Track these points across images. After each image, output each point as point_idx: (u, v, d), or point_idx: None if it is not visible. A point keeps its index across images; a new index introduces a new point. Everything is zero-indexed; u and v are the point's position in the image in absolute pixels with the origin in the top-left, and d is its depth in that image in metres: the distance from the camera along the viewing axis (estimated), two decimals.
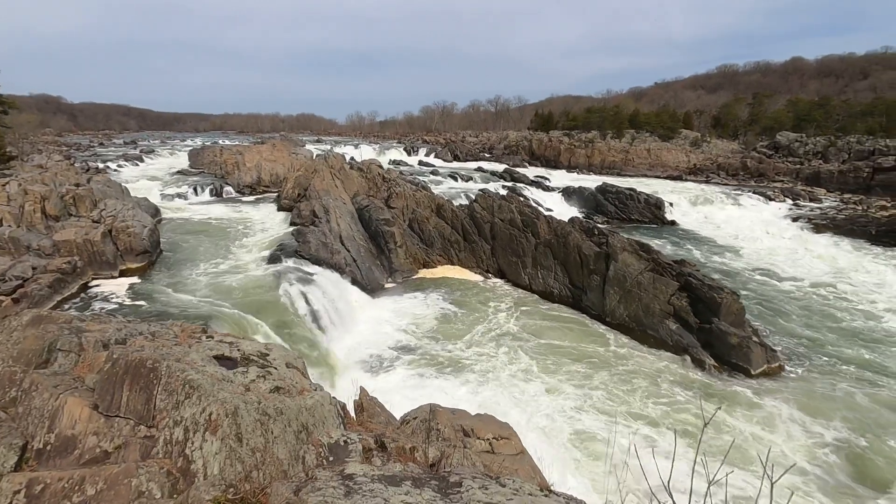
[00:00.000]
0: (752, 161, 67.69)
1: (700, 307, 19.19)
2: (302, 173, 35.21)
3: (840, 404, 15.06)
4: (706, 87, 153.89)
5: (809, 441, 13.33)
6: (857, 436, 13.58)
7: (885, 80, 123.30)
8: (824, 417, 14.38)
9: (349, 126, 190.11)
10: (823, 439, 13.42)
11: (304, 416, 4.36)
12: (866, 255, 33.46)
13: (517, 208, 28.19)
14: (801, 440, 13.38)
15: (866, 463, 12.50)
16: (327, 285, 21.06)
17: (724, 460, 2.26)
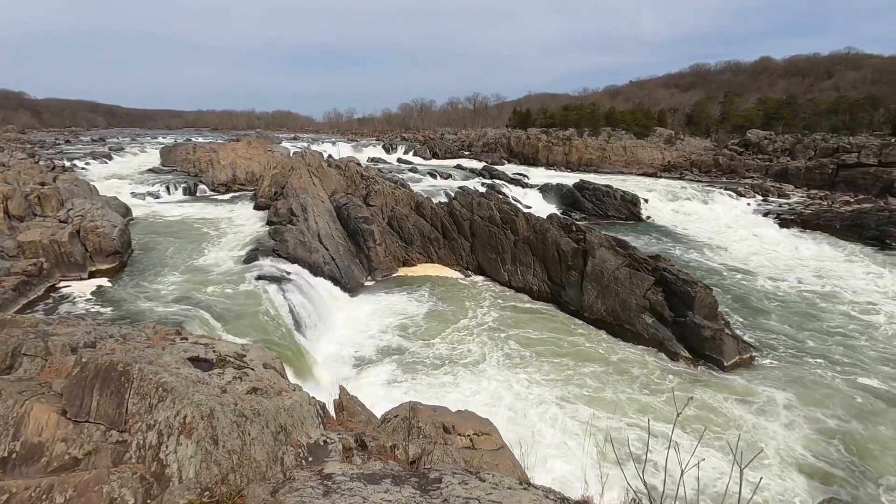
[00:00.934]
0: (724, 158, 69.43)
1: (675, 301, 19.61)
2: (279, 171, 34.68)
3: (808, 390, 15.59)
4: (679, 85, 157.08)
5: (781, 425, 13.77)
6: (826, 419, 14.09)
7: (847, 80, 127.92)
8: (795, 403, 14.87)
9: (327, 123, 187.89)
10: (794, 423, 13.88)
11: (283, 416, 4.31)
12: (831, 248, 34.71)
13: (496, 205, 28.32)
14: (772, 425, 13.82)
15: (833, 442, 12.99)
16: (305, 284, 20.82)
17: (695, 449, 2.31)
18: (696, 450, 2.16)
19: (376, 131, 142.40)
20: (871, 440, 13.32)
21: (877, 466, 12.36)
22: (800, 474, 11.95)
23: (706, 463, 10.09)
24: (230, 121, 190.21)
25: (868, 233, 36.16)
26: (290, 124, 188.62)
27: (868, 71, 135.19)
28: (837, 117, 74.93)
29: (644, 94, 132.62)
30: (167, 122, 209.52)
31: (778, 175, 61.61)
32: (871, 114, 75.30)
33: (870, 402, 15.12)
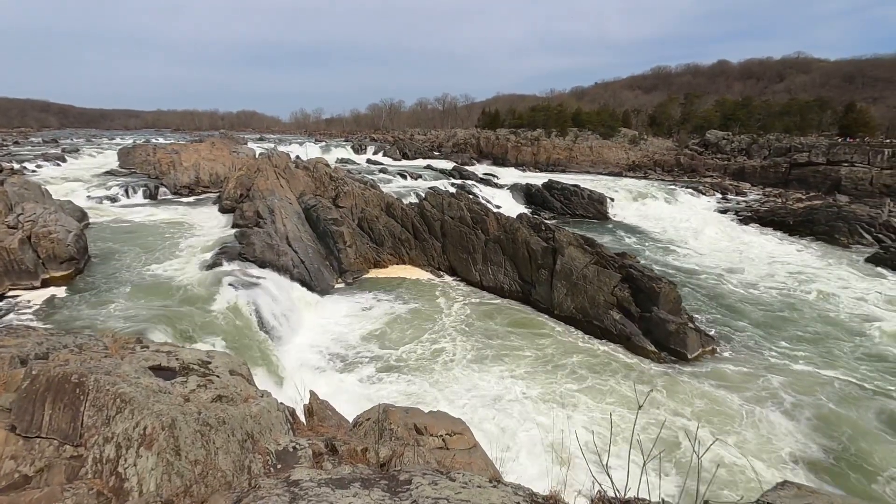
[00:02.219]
0: (685, 158, 71.86)
1: (641, 297, 20.15)
2: (244, 173, 33.86)
3: (763, 379, 16.28)
4: (642, 87, 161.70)
5: (739, 412, 14.34)
6: (779, 404, 14.75)
7: (798, 83, 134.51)
8: (752, 390, 15.50)
9: (294, 124, 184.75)
10: (752, 410, 14.46)
11: (250, 424, 4.21)
12: (785, 244, 36.39)
13: (467, 206, 28.45)
14: (730, 412, 14.37)
15: (790, 425, 13.62)
16: (274, 288, 20.38)
17: (656, 440, 2.38)
18: (657, 440, 2.23)
19: (345, 132, 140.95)
20: (828, 423, 14.02)
21: (831, 447, 13.03)
22: (756, 460, 12.47)
23: (667, 452, 10.46)
24: (192, 121, 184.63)
25: (819, 228, 38.07)
26: (255, 124, 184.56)
27: (817, 74, 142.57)
28: (789, 118, 78.64)
29: (609, 96, 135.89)
30: (125, 123, 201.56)
31: (736, 174, 64.18)
32: (819, 115, 79.34)
33: (828, 388, 15.90)
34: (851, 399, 15.32)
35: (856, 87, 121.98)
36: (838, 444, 13.22)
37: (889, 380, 16.74)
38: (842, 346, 19.41)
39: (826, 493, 2.84)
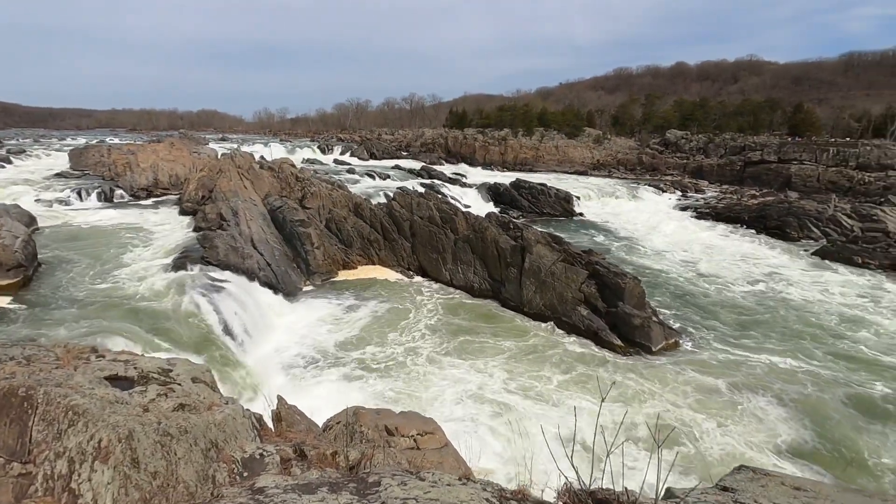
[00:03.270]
0: (647, 156, 74.07)
1: (607, 293, 20.65)
2: (206, 174, 32.86)
3: (724, 368, 16.98)
4: (605, 87, 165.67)
5: (700, 400, 14.89)
6: (737, 392, 15.41)
7: (751, 85, 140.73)
8: (712, 380, 16.13)
9: (257, 123, 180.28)
10: (710, 399, 15.05)
11: (214, 432, 4.08)
12: (742, 238, 38.02)
13: (435, 205, 28.45)
14: (690, 402, 14.91)
15: (748, 410, 14.25)
16: (239, 292, 19.87)
17: (618, 431, 2.45)
18: (619, 431, 2.31)
19: (311, 132, 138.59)
20: (786, 406, 14.73)
21: (785, 432, 13.70)
22: (716, 447, 12.99)
23: (630, 442, 10.79)
24: (150, 120, 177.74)
25: (772, 223, 39.96)
26: (217, 124, 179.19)
27: (768, 76, 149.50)
28: (743, 118, 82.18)
29: (573, 96, 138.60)
30: (76, 122, 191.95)
31: (694, 172, 66.57)
32: (771, 115, 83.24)
33: (781, 376, 16.69)
34: (808, 383, 16.14)
35: (803, 89, 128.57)
36: (797, 428, 13.91)
37: (838, 362, 17.72)
38: (796, 334, 20.41)
39: (779, 474, 2.99)
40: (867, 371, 17.29)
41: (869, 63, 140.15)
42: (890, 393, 15.84)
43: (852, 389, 15.96)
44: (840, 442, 13.30)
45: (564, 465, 2.37)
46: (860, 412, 14.71)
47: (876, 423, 14.22)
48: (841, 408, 14.88)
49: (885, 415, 14.63)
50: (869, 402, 15.30)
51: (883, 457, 12.79)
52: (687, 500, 2.54)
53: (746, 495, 2.71)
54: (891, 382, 16.50)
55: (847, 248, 32.71)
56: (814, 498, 2.52)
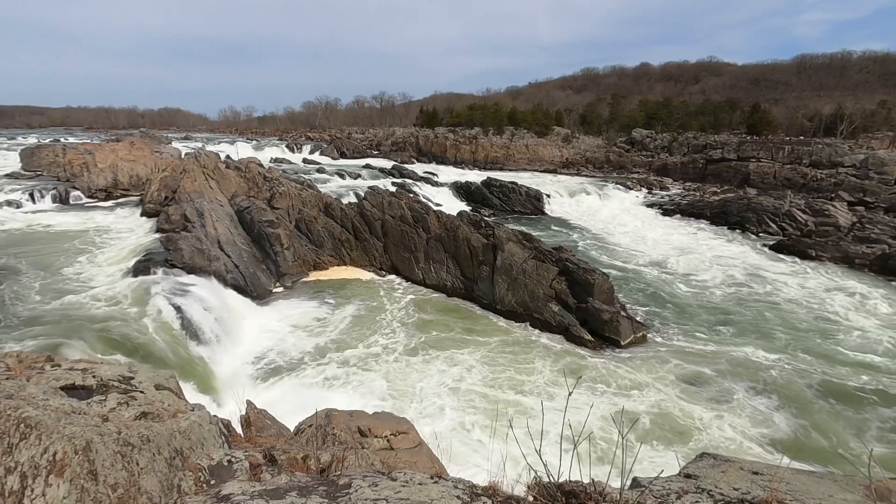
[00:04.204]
0: (614, 155, 75.72)
1: (577, 289, 21.01)
2: (169, 174, 31.80)
3: (691, 359, 17.55)
4: (573, 87, 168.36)
5: (663, 391, 15.36)
6: (701, 383, 15.96)
7: (711, 85, 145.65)
8: (678, 371, 16.66)
9: (222, 122, 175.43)
10: (673, 390, 15.55)
11: (178, 440, 3.96)
12: (705, 233, 39.33)
13: (407, 204, 28.35)
14: (657, 393, 15.36)
15: (711, 398, 14.77)
16: (206, 295, 19.33)
17: (585, 423, 2.50)
18: (585, 423, 2.36)
19: (279, 130, 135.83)
20: (752, 398, 15.34)
21: (749, 416, 14.27)
22: (677, 434, 13.43)
23: (598, 434, 11.06)
24: (108, 119, 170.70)
25: (732, 218, 41.50)
26: (180, 123, 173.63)
27: (727, 77, 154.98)
28: (704, 118, 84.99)
29: (542, 95, 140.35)
30: (27, 121, 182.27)
31: (659, 170, 68.43)
32: (730, 115, 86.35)
33: (745, 364, 17.37)
34: (772, 370, 16.85)
35: (759, 90, 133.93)
36: (761, 412, 14.51)
37: (797, 352, 18.56)
38: (756, 325, 21.27)
39: (738, 459, 3.11)
40: (828, 361, 18.18)
41: (819, 65, 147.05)
42: (861, 383, 16.71)
43: (814, 375, 16.75)
44: (807, 427, 13.95)
45: (534, 459, 2.40)
46: (833, 398, 15.46)
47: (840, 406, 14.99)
48: (807, 394, 15.59)
49: (855, 401, 15.42)
50: (841, 389, 16.08)
51: (832, 433, 13.49)
52: (651, 487, 2.62)
53: (708, 481, 2.81)
54: (860, 372, 17.42)
55: (802, 241, 34.28)
56: (769, 481, 2.63)
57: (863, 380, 16.71)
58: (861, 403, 15.23)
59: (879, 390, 15.95)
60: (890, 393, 15.80)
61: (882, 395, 15.68)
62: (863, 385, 16.34)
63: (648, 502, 2.47)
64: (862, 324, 21.66)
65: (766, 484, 2.61)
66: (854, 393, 15.81)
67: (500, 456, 3.23)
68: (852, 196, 46.35)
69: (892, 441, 13.48)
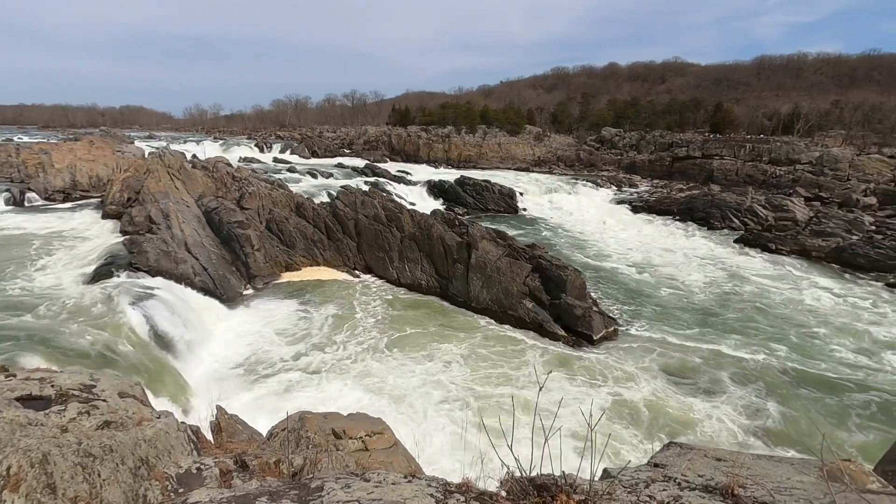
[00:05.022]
0: (585, 153, 77.05)
1: (550, 285, 21.31)
2: (132, 174, 30.70)
3: (660, 352, 18.04)
4: (544, 86, 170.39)
5: (635, 383, 15.75)
6: (667, 375, 16.43)
7: (677, 85, 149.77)
8: (650, 363, 17.10)
9: (188, 120, 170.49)
10: (647, 382, 15.95)
11: (144, 448, 3.83)
12: (673, 229, 40.45)
13: (381, 204, 28.18)
14: (627, 386, 15.74)
15: (684, 389, 15.23)
16: (173, 300, 18.76)
17: (555, 418, 2.55)
18: (555, 418, 2.41)
19: (247, 129, 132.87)
20: (716, 387, 15.86)
21: (715, 404, 14.76)
22: (640, 427, 13.80)
23: (567, 427, 11.29)
24: (65, 117, 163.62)
25: (697, 214, 42.82)
26: (143, 121, 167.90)
27: (691, 77, 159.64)
28: (671, 116, 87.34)
29: (514, 94, 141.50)
30: None
31: (628, 167, 69.99)
32: (695, 114, 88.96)
33: (714, 355, 17.95)
34: (739, 361, 17.46)
35: (722, 89, 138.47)
36: (728, 402, 15.03)
37: (763, 338, 19.30)
38: (725, 318, 22.01)
39: (703, 447, 3.22)
40: (794, 348, 18.97)
41: (777, 66, 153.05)
42: (820, 370, 17.48)
43: (782, 362, 17.45)
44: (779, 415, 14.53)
45: (506, 454, 2.42)
46: (808, 387, 16.12)
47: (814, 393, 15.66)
48: (780, 381, 16.22)
49: (830, 389, 16.12)
50: (816, 378, 16.79)
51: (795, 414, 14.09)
52: (621, 477, 2.68)
53: (675, 469, 2.89)
54: (829, 362, 18.22)
55: (763, 235, 35.64)
56: (732, 466, 2.73)
57: (822, 367, 17.51)
58: (835, 390, 15.92)
59: (850, 377, 16.73)
60: (858, 379, 16.61)
61: (855, 382, 16.44)
62: (823, 371, 17.11)
63: (618, 492, 2.53)
64: (822, 312, 22.66)
65: (728, 470, 2.71)
66: (829, 381, 16.50)
67: (475, 452, 3.27)
68: (809, 192, 48.42)
69: (867, 427, 14.16)
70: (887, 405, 15.02)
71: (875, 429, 13.87)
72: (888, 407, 14.94)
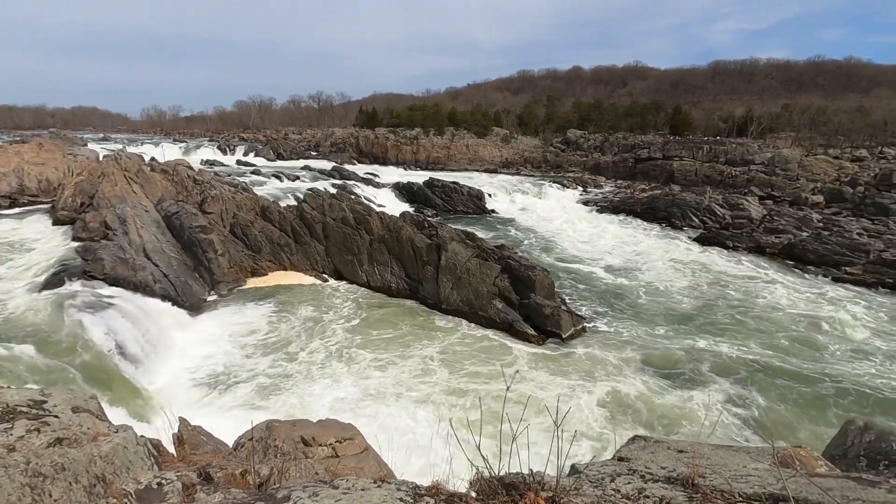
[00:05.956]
0: (551, 154, 78.38)
1: (520, 285, 21.56)
2: (85, 178, 29.35)
3: (624, 348, 18.52)
4: (510, 89, 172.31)
5: (599, 378, 16.13)
6: (635, 368, 16.90)
7: (638, 88, 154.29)
8: (612, 359, 17.53)
9: (146, 122, 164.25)
10: (610, 376, 16.36)
11: (100, 465, 3.67)
12: (636, 228, 41.64)
13: (349, 206, 27.88)
14: (594, 381, 16.11)
15: (641, 387, 15.68)
16: (132, 308, 18.04)
17: (521, 416, 2.58)
18: (522, 416, 2.45)
19: (209, 131, 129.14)
20: (675, 381, 16.39)
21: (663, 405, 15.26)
22: (611, 422, 14.16)
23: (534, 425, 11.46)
24: (10, 118, 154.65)
25: (659, 214, 44.22)
26: (97, 123, 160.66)
27: (651, 81, 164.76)
28: (633, 119, 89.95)
29: (481, 97, 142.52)
30: None
31: (593, 169, 71.60)
32: (655, 116, 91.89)
33: (674, 348, 18.55)
34: (701, 352, 18.10)
35: (680, 93, 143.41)
36: (695, 394, 15.55)
37: (718, 331, 20.08)
38: (688, 312, 22.80)
39: (665, 440, 3.32)
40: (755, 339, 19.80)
41: (731, 71, 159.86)
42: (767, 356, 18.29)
43: (735, 351, 18.18)
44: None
45: (477, 455, 2.44)
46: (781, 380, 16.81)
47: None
48: (749, 374, 16.88)
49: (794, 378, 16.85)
50: (777, 368, 17.51)
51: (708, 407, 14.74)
52: (587, 473, 2.74)
53: (639, 463, 2.98)
54: (787, 353, 19.06)
55: (720, 233, 37.14)
56: (692, 457, 2.84)
57: (780, 357, 18.35)
58: (796, 379, 16.64)
59: (808, 367, 17.56)
60: (816, 369, 17.47)
61: (814, 372, 17.25)
62: (780, 362, 17.93)
63: (585, 487, 2.58)
64: (779, 305, 23.77)
65: (689, 461, 2.81)
66: (791, 371, 17.26)
67: (447, 454, 3.27)
68: (762, 191, 50.72)
69: (824, 414, 14.89)
70: (843, 392, 15.88)
71: (836, 415, 14.59)
72: (843, 394, 15.80)
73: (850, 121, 75.13)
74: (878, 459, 3.14)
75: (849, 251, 30.41)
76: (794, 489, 2.20)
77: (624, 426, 13.82)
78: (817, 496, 2.14)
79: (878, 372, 17.56)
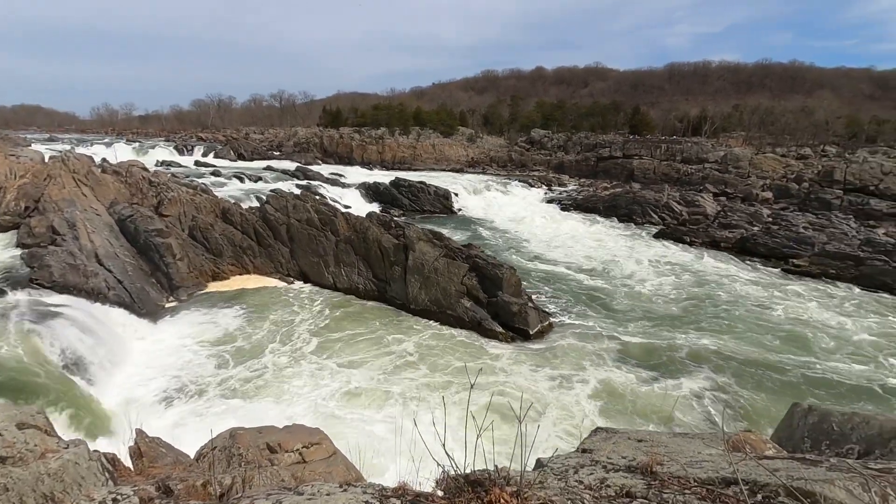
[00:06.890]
0: (516, 154, 79.39)
1: (487, 284, 21.74)
2: (29, 180, 27.74)
3: (590, 341, 18.99)
4: (475, 88, 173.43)
5: (567, 371, 16.49)
6: (603, 361, 17.36)
7: (598, 89, 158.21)
8: (578, 352, 17.95)
9: (96, 121, 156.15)
10: (579, 371, 16.76)
11: (48, 483, 3.49)
12: (599, 225, 42.71)
13: (314, 207, 27.41)
14: (557, 379, 16.46)
15: (616, 376, 16.13)
16: (83, 317, 17.17)
17: (486, 413, 2.61)
18: (486, 413, 2.49)
19: (165, 130, 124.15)
20: (639, 375, 16.91)
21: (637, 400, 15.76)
22: (572, 412, 14.51)
23: (499, 422, 11.63)
24: None
25: (621, 211, 45.51)
26: (41, 122, 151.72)
27: (611, 82, 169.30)
28: (594, 118, 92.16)
29: (446, 96, 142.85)
30: None
31: (557, 167, 72.96)
32: (615, 116, 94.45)
33: (637, 342, 19.12)
34: (667, 342, 18.72)
35: (639, 94, 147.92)
36: (647, 387, 16.08)
37: (680, 322, 20.86)
38: (648, 306, 23.55)
39: (626, 430, 3.43)
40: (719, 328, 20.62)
41: (686, 72, 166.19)
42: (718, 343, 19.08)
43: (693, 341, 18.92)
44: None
45: (441, 454, 2.45)
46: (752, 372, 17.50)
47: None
48: (711, 361, 17.53)
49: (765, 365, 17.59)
50: (738, 355, 18.26)
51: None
52: (551, 465, 2.80)
53: (601, 454, 3.06)
54: (745, 341, 19.91)
55: (678, 229, 38.57)
56: (651, 446, 2.94)
57: (737, 344, 19.21)
58: (754, 365, 17.41)
59: (765, 355, 18.43)
60: (773, 356, 18.34)
61: (772, 359, 18.10)
62: (739, 348, 18.78)
63: (549, 480, 2.63)
64: (736, 295, 24.88)
65: (648, 449, 2.91)
66: (750, 359, 18.05)
67: (414, 454, 3.27)
68: (716, 188, 52.93)
69: (782, 399, 15.64)
70: (795, 377, 16.78)
71: (785, 398, 15.39)
72: (799, 378, 16.70)
73: (796, 121, 79.41)
74: (820, 440, 3.34)
75: (796, 244, 32.15)
76: (744, 472, 2.32)
77: (592, 417, 14.15)
78: (765, 477, 2.26)
79: (824, 358, 18.65)
